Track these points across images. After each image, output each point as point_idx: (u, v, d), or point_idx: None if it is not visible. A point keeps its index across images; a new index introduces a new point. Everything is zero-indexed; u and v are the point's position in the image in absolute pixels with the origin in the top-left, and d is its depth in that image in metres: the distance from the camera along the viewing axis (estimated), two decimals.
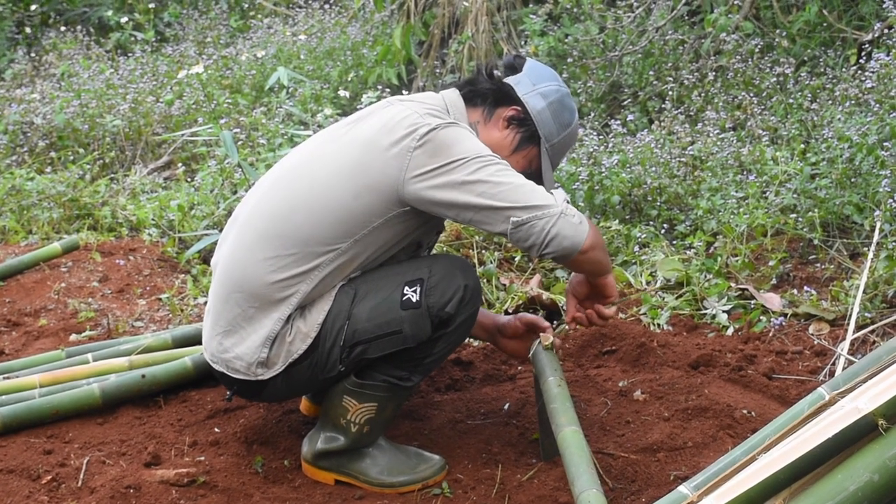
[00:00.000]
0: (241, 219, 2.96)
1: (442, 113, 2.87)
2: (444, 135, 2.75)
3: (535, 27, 7.34)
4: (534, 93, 2.97)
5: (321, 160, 2.87)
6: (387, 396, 2.89)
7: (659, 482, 2.83)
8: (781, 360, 3.55)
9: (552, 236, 2.68)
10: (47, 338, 4.14)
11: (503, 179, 2.71)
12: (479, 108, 2.98)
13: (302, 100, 6.85)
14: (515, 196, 2.69)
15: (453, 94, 2.99)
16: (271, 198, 2.89)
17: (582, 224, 2.71)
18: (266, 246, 2.82)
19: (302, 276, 2.80)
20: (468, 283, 2.82)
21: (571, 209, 2.72)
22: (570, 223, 2.69)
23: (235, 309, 2.86)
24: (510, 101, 2.98)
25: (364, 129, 2.85)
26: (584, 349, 3.76)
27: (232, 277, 2.87)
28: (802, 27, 6.49)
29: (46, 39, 10.29)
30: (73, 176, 6.08)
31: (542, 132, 2.97)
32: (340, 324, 2.81)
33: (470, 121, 2.95)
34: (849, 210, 4.31)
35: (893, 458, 1.92)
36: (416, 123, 2.77)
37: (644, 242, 4.62)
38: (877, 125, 4.60)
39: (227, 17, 10.35)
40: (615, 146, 5.46)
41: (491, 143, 2.92)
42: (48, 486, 2.93)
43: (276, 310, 2.82)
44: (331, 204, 2.79)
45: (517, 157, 2.97)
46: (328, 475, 2.97)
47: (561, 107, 3.00)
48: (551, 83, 3.01)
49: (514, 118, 2.97)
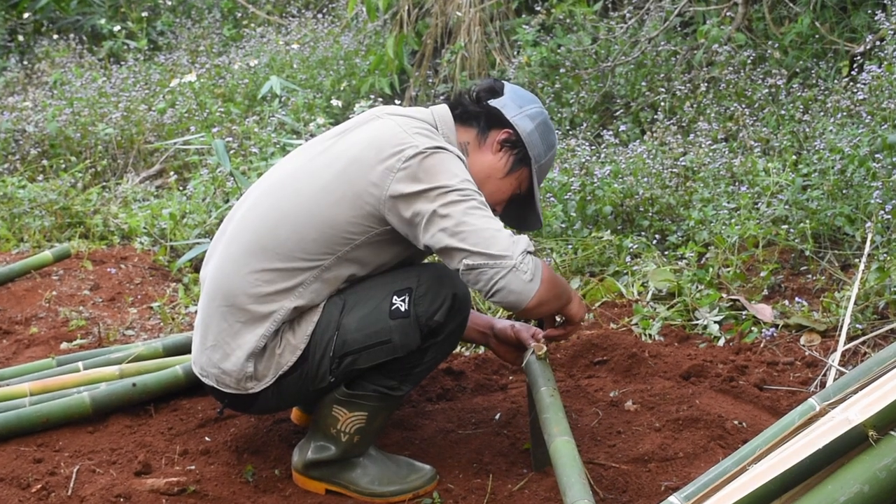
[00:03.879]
0: (228, 231, 2.95)
1: (431, 132, 2.85)
2: (429, 161, 2.72)
3: (528, 37, 7.35)
4: (522, 115, 2.97)
5: (307, 173, 2.86)
6: (377, 406, 2.89)
7: (650, 493, 2.83)
8: (773, 370, 3.56)
9: (498, 288, 2.65)
10: (38, 346, 4.14)
11: (470, 220, 2.67)
12: (471, 130, 2.98)
13: (294, 109, 6.85)
14: (475, 240, 2.65)
15: (444, 111, 2.98)
16: (258, 211, 2.88)
17: (532, 281, 2.67)
18: (252, 259, 2.82)
19: (286, 292, 2.79)
20: (457, 291, 2.81)
21: (527, 264, 2.66)
22: (519, 279, 2.65)
23: (222, 323, 2.86)
24: (502, 123, 2.97)
25: (350, 144, 2.84)
26: (575, 359, 3.76)
27: (219, 291, 2.87)
28: (795, 39, 6.51)
29: (39, 47, 10.29)
30: (64, 184, 6.09)
31: (532, 153, 2.97)
32: (330, 335, 2.80)
33: (459, 140, 2.95)
34: (840, 221, 4.32)
35: (884, 470, 1.93)
36: (403, 143, 2.76)
37: (636, 253, 4.63)
38: (868, 137, 4.61)
39: (219, 26, 10.37)
40: (607, 157, 5.47)
41: (484, 166, 2.94)
42: (38, 494, 2.92)
43: (260, 326, 2.81)
44: (313, 219, 2.78)
45: (510, 180, 2.98)
46: (319, 485, 2.97)
47: (546, 128, 3.01)
48: (534, 105, 3.02)
49: (507, 141, 2.96)
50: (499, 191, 2.99)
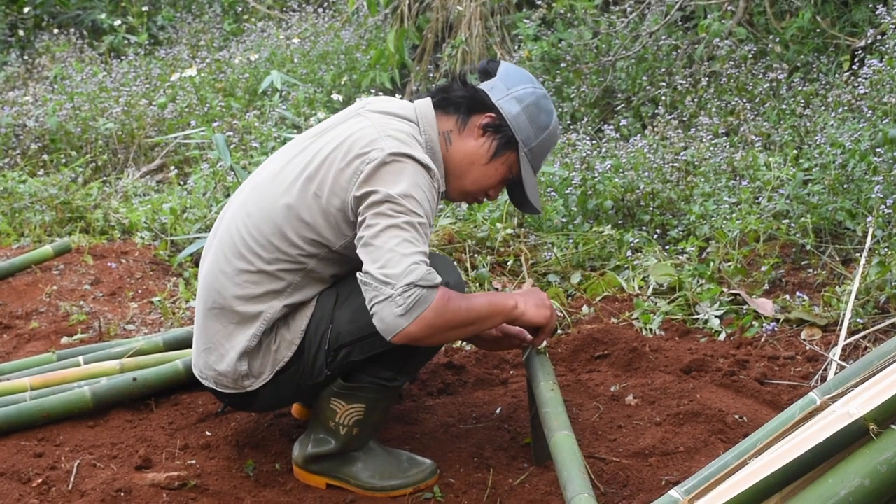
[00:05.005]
0: (219, 232, 2.95)
1: (404, 133, 2.80)
2: (385, 169, 2.68)
3: (529, 32, 7.35)
4: (508, 97, 2.92)
5: (286, 174, 2.85)
6: (374, 398, 2.89)
7: (650, 487, 2.83)
8: (773, 365, 3.55)
9: (373, 311, 2.60)
10: (38, 340, 4.13)
11: (384, 236, 2.61)
12: (452, 117, 2.94)
13: (295, 103, 6.84)
14: (375, 256, 2.60)
15: (425, 105, 2.94)
16: (243, 212, 2.88)
17: (404, 317, 2.56)
18: (239, 261, 2.82)
19: (276, 293, 2.80)
20: (449, 280, 2.78)
21: (407, 297, 2.56)
22: (389, 311, 2.57)
23: (216, 325, 2.86)
24: (484, 107, 2.93)
25: (324, 144, 2.82)
26: (576, 353, 3.76)
27: (210, 294, 2.88)
28: (796, 33, 6.50)
29: (39, 42, 10.28)
30: (65, 179, 6.08)
31: (520, 137, 2.92)
32: (324, 328, 2.80)
33: (442, 130, 2.91)
34: (841, 216, 4.32)
35: (884, 463, 1.93)
36: (370, 146, 2.72)
37: (637, 247, 4.62)
38: (869, 131, 4.60)
39: (220, 20, 10.36)
40: (608, 151, 5.46)
41: (467, 152, 2.91)
42: (38, 489, 2.92)
43: (251, 326, 2.82)
44: (291, 221, 2.78)
45: (496, 165, 2.94)
46: (320, 479, 2.97)
47: (537, 109, 2.94)
48: (525, 86, 2.95)
49: (489, 125, 2.91)
50: (485, 176, 2.95)
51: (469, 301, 2.72)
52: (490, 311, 2.79)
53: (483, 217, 4.88)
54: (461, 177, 2.94)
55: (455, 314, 2.66)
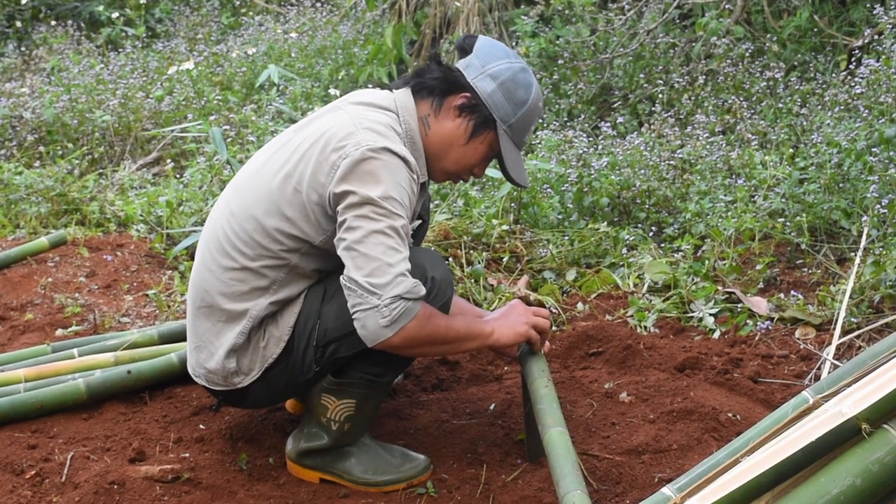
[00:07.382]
0: (207, 228, 2.95)
1: (383, 125, 2.79)
2: (365, 166, 2.66)
3: (527, 28, 7.34)
4: (483, 75, 2.87)
5: (267, 169, 2.84)
6: (364, 393, 2.89)
7: (643, 484, 2.83)
8: (767, 363, 3.56)
9: (356, 317, 2.61)
10: (33, 332, 4.13)
11: (369, 242, 2.60)
12: (428, 101, 2.90)
13: (292, 98, 6.84)
14: (361, 263, 2.59)
15: (404, 94, 2.92)
16: (228, 209, 2.88)
17: (388, 328, 2.59)
18: (225, 259, 2.82)
19: (261, 290, 2.80)
20: (435, 275, 2.77)
21: (393, 309, 2.58)
22: (374, 320, 2.59)
23: (205, 323, 2.87)
24: (459, 87, 2.89)
25: (304, 138, 2.81)
26: (570, 350, 3.76)
27: (199, 291, 2.88)
28: (793, 32, 6.51)
29: (37, 34, 10.27)
30: (61, 171, 6.07)
31: (497, 115, 2.87)
32: (312, 324, 2.80)
33: (420, 115, 2.89)
34: (836, 215, 4.32)
35: (876, 463, 1.93)
36: (347, 140, 2.71)
37: (632, 245, 4.63)
38: (865, 131, 4.61)
39: (218, 14, 10.34)
40: (605, 148, 5.46)
41: (445, 134, 2.88)
42: (32, 480, 2.92)
43: (238, 323, 2.82)
44: (273, 216, 2.77)
45: (475, 144, 2.90)
46: (313, 473, 2.97)
47: (514, 85, 2.88)
48: (501, 62, 2.89)
49: (465, 105, 2.87)
50: (465, 157, 2.92)
51: (449, 321, 2.75)
52: (467, 335, 2.82)
53: (479, 213, 4.88)
54: (442, 158, 2.92)
55: (435, 330, 2.69)
